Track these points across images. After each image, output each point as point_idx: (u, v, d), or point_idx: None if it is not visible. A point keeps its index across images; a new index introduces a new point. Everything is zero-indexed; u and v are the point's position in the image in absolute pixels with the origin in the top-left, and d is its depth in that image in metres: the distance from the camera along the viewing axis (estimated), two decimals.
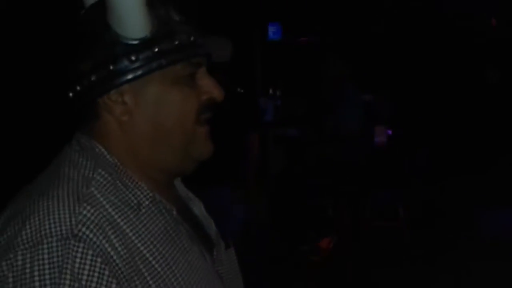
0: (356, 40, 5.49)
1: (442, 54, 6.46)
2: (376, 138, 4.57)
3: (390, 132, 5.06)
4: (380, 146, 4.65)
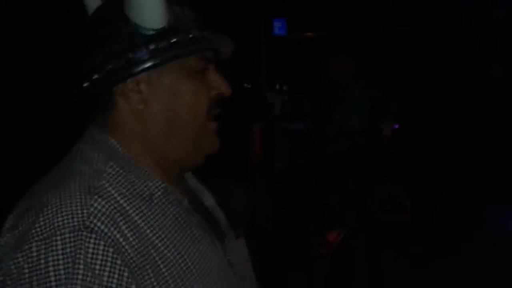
0: (362, 36, 5.50)
1: (445, 50, 6.46)
2: (383, 132, 4.59)
3: (396, 126, 5.09)
4: (386, 140, 4.66)
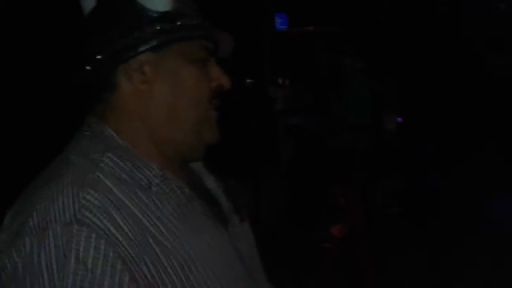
0: (363, 28, 5.48)
1: (450, 41, 6.43)
2: (386, 126, 4.58)
3: (400, 119, 5.07)
4: (390, 133, 4.65)
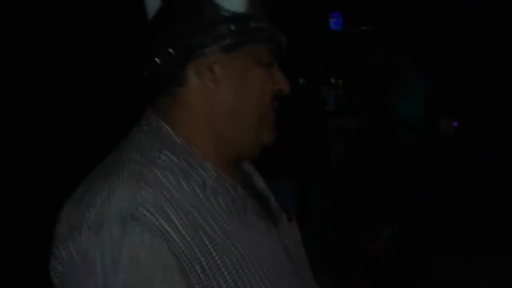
0: (419, 28, 5.36)
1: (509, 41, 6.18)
2: (442, 130, 4.45)
3: (455, 124, 4.91)
4: (446, 138, 4.52)
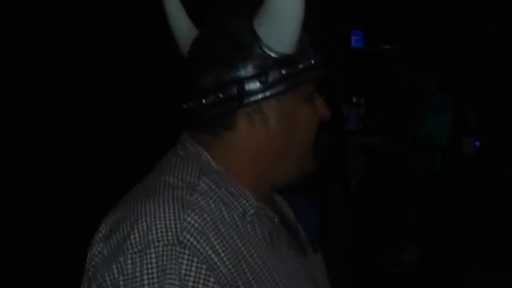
0: (442, 47, 5.33)
1: None
2: (465, 149, 4.40)
3: (478, 143, 4.84)
4: (469, 158, 4.45)
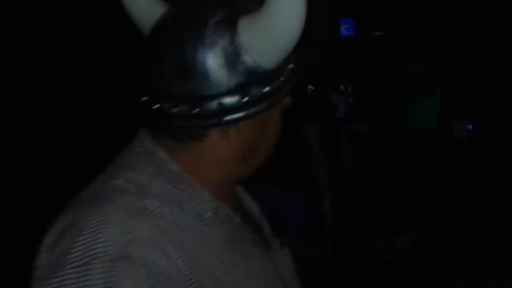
0: (432, 32, 5.29)
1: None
2: (455, 133, 4.37)
3: (470, 127, 4.82)
4: (460, 142, 4.43)
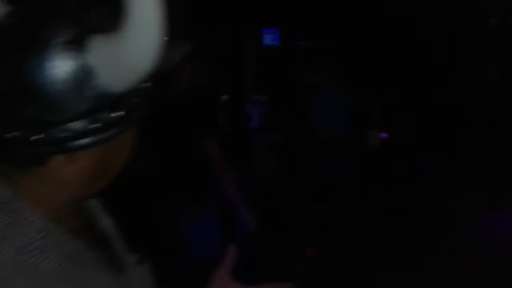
0: (346, 43, 5.42)
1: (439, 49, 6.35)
2: (369, 142, 4.47)
3: (385, 135, 4.94)
4: (373, 151, 4.54)
